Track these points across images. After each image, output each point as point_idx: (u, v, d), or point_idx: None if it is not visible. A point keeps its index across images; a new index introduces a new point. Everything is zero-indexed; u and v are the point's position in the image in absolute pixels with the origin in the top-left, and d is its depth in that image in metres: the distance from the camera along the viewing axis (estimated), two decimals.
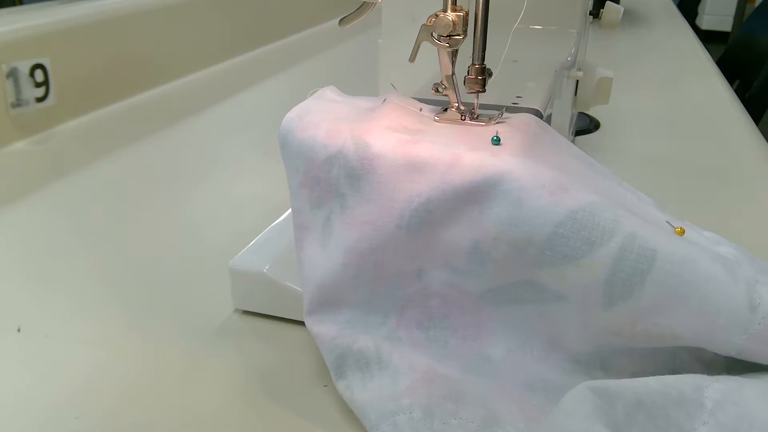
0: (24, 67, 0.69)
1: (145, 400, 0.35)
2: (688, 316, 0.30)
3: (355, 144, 0.34)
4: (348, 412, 0.33)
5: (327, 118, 0.36)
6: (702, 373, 0.31)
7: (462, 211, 0.32)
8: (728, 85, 0.98)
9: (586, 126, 0.77)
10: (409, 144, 0.33)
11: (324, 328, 0.35)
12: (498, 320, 0.35)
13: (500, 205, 0.31)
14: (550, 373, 0.34)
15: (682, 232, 0.34)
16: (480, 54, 0.37)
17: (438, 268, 0.34)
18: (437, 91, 0.38)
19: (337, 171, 0.34)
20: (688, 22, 1.53)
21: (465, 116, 0.37)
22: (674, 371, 0.33)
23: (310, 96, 0.40)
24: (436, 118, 0.37)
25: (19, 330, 0.40)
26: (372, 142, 0.33)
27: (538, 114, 0.39)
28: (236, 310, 0.42)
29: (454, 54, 0.37)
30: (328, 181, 0.35)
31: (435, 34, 0.36)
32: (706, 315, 0.30)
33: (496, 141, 0.33)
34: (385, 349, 0.34)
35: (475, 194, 0.32)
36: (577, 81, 0.63)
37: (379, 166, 0.33)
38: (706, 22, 3.99)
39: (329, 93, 0.41)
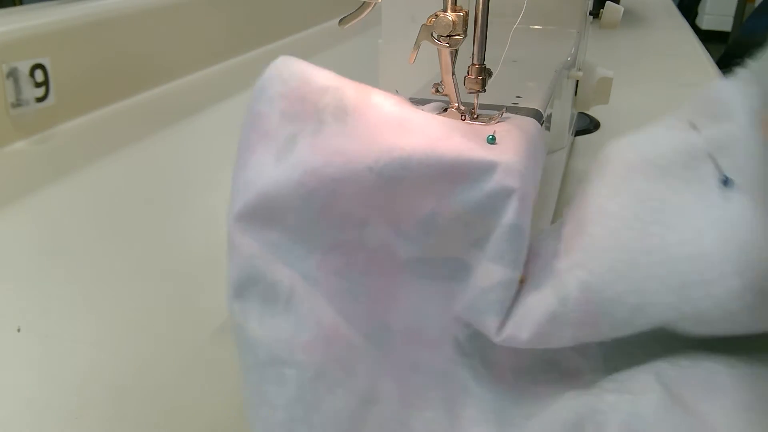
0: (24, 67, 0.69)
1: (146, 400, 0.35)
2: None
3: (357, 88, 0.33)
4: None
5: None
6: (579, 359, 0.33)
7: (435, 183, 0.32)
8: None
9: (586, 126, 0.77)
10: (408, 108, 0.33)
11: (246, 241, 0.31)
12: (410, 292, 0.34)
13: (473, 192, 0.32)
14: (437, 359, 0.34)
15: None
16: (480, 54, 0.37)
17: (384, 225, 0.33)
18: (437, 91, 0.38)
19: (329, 100, 0.33)
20: (688, 22, 1.53)
21: (465, 116, 0.37)
22: (553, 360, 0.34)
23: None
24: None
25: (19, 330, 0.40)
26: (375, 94, 0.33)
27: (537, 114, 0.39)
28: None
29: (454, 54, 0.37)
30: (315, 104, 0.33)
31: (435, 34, 0.36)
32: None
33: (492, 140, 0.33)
34: (298, 293, 0.31)
35: (454, 172, 0.31)
36: (577, 81, 0.63)
37: (372, 113, 0.32)
38: (706, 22, 3.99)
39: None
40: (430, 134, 0.32)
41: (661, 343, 0.34)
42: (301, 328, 0.30)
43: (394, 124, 0.32)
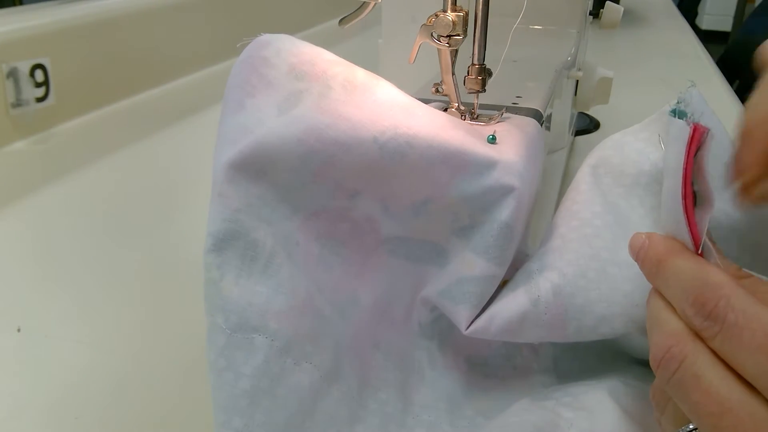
0: (24, 67, 0.69)
1: (145, 400, 0.35)
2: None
3: (366, 71, 0.32)
4: None
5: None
6: (532, 357, 0.34)
7: (435, 168, 0.31)
8: (728, 85, 0.98)
9: (586, 126, 0.77)
10: (418, 100, 0.33)
11: (233, 191, 0.30)
12: (383, 269, 0.34)
13: (471, 185, 0.31)
14: (398, 339, 0.34)
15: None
16: (480, 54, 0.37)
17: (375, 200, 0.32)
18: (437, 91, 0.38)
19: (338, 70, 0.31)
20: (688, 22, 1.53)
21: (465, 116, 0.37)
22: (508, 355, 0.35)
23: None
24: None
25: (19, 330, 0.40)
26: (384, 79, 0.32)
27: (537, 114, 0.39)
28: None
29: (454, 54, 0.37)
30: (325, 72, 0.31)
31: (435, 34, 0.36)
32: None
33: (492, 140, 0.33)
34: (278, 257, 0.30)
35: (456, 161, 0.31)
36: (577, 81, 0.63)
37: (380, 92, 0.31)
38: (706, 22, 3.99)
39: None
40: (437, 121, 0.32)
41: (612, 351, 0.34)
42: (276, 294, 0.29)
43: (402, 106, 0.31)
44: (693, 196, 0.26)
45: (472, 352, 0.35)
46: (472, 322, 0.32)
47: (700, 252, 0.25)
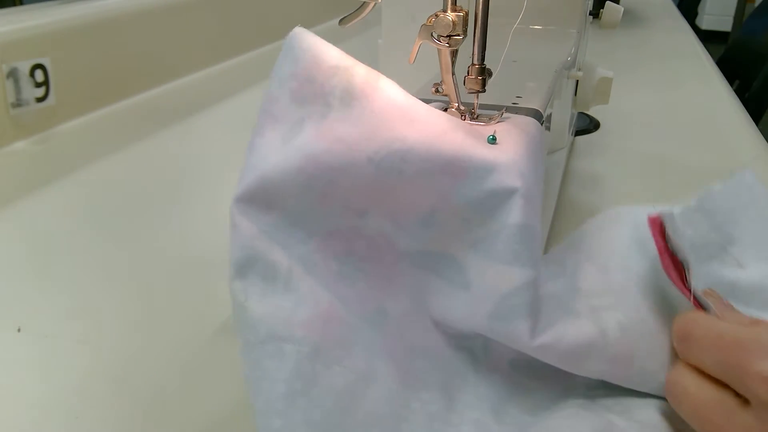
0: (24, 67, 0.69)
1: (145, 400, 0.35)
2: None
3: (367, 70, 0.33)
4: None
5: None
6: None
7: (435, 178, 0.32)
8: (728, 85, 0.98)
9: (586, 126, 0.77)
10: (415, 99, 0.33)
11: (246, 222, 0.32)
12: (407, 280, 0.34)
13: (473, 189, 0.32)
14: (436, 345, 0.34)
15: None
16: (480, 54, 0.37)
17: (383, 217, 0.33)
18: (437, 91, 0.37)
19: (337, 81, 0.32)
20: (688, 22, 1.54)
21: (465, 116, 0.37)
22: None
23: None
24: None
25: (19, 330, 0.40)
26: (383, 78, 0.33)
27: (537, 114, 0.39)
28: None
29: (454, 54, 0.37)
30: (323, 87, 0.33)
31: (435, 34, 0.36)
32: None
33: (492, 140, 0.33)
34: (296, 273, 0.32)
35: (454, 167, 0.31)
36: (577, 81, 0.63)
37: (378, 98, 0.32)
38: (706, 22, 3.99)
39: None
40: (434, 127, 0.32)
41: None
42: (299, 306, 0.31)
43: (400, 113, 0.32)
44: (681, 266, 0.32)
45: (515, 355, 0.34)
46: (537, 333, 0.32)
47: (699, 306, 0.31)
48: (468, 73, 0.37)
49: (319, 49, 0.33)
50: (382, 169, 0.31)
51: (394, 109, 0.32)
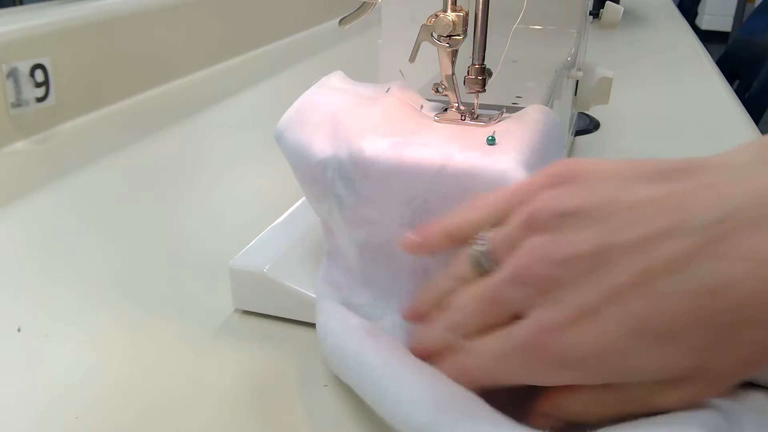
0: (24, 67, 0.69)
1: (145, 400, 0.35)
2: None
3: (349, 149, 0.34)
4: (349, 412, 0.33)
5: (324, 117, 0.36)
6: None
7: (462, 204, 0.32)
8: (728, 85, 0.98)
9: (586, 126, 0.77)
10: (401, 146, 0.33)
11: (322, 304, 0.36)
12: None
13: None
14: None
15: None
16: (480, 54, 0.37)
17: (440, 264, 0.34)
18: (437, 91, 0.38)
19: (331, 173, 0.35)
20: (688, 22, 1.54)
21: (465, 116, 0.37)
22: None
23: (315, 84, 0.40)
24: (435, 117, 0.37)
25: (19, 330, 0.40)
26: (365, 146, 0.34)
27: None
28: (236, 310, 0.42)
29: (454, 54, 0.37)
30: (324, 182, 0.35)
31: (435, 34, 0.36)
32: None
33: (491, 141, 0.33)
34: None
35: (468, 193, 0.32)
36: (577, 81, 0.63)
37: (373, 171, 0.33)
38: (706, 22, 3.99)
39: (334, 79, 0.41)
40: (431, 167, 0.33)
41: None
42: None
43: (397, 173, 0.33)
44: None
45: None
46: None
47: None
48: (468, 73, 0.37)
49: (303, 146, 0.36)
50: (413, 225, 0.33)
51: (390, 171, 0.33)
